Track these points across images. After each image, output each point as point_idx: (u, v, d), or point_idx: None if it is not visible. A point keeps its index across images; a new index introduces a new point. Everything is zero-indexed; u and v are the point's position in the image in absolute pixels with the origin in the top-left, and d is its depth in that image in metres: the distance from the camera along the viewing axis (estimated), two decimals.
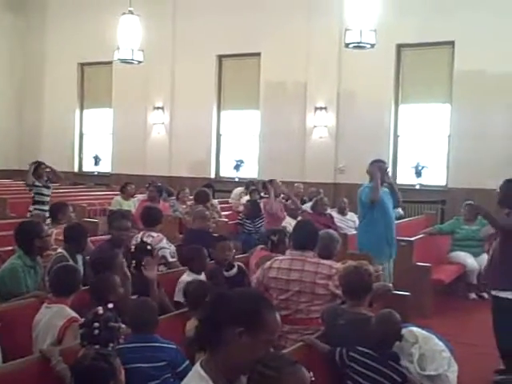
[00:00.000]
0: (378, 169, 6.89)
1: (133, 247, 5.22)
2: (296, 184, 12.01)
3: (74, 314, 3.73)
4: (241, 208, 10.98)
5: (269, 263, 4.76)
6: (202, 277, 5.02)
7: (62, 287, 3.94)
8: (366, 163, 7.16)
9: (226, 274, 4.69)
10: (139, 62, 12.61)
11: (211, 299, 2.50)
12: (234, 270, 4.63)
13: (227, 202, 12.24)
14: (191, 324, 3.94)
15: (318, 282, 4.46)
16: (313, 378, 2.33)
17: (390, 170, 12.54)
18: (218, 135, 15.57)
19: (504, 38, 11.85)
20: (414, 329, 4.19)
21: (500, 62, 11.93)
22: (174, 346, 3.58)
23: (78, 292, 4.08)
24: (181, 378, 3.25)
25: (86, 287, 4.33)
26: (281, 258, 4.84)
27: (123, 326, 3.28)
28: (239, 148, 15.38)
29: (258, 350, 2.27)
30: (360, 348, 3.76)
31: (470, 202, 9.27)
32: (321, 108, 13.70)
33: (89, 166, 17.59)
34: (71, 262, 4.90)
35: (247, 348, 2.24)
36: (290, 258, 4.68)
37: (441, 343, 4.12)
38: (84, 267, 5.20)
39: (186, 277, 5.05)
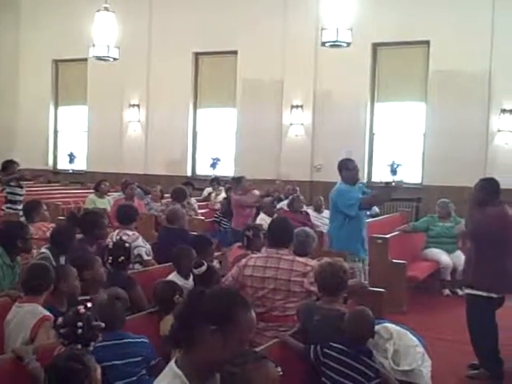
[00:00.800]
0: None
1: (110, 244, 5.18)
2: (277, 181, 12.06)
3: (46, 313, 3.69)
4: (217, 206, 10.99)
5: (244, 261, 4.76)
6: (190, 280, 4.98)
7: (33, 286, 3.90)
8: None
9: (195, 271, 4.66)
10: (115, 59, 12.51)
11: (187, 297, 2.49)
12: (203, 268, 4.61)
13: (203, 201, 12.22)
14: (166, 322, 3.92)
15: (293, 279, 4.47)
16: (280, 373, 2.32)
17: (365, 167, 12.77)
18: (195, 133, 15.53)
19: (478, 38, 11.98)
20: (389, 325, 4.22)
21: (474, 61, 12.07)
22: (146, 340, 3.62)
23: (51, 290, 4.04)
24: (152, 373, 3.29)
25: None
26: (256, 255, 4.85)
27: (102, 324, 3.27)
28: (215, 146, 15.35)
29: (232, 348, 2.26)
30: (334, 344, 3.78)
31: (444, 199, 9.38)
32: (297, 106, 13.73)
33: (63, 164, 17.40)
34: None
35: (220, 346, 2.24)
36: (266, 255, 4.68)
37: (415, 339, 4.16)
38: None
39: (174, 279, 4.99)
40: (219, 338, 2.23)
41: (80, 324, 3.15)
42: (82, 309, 3.24)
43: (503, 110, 11.89)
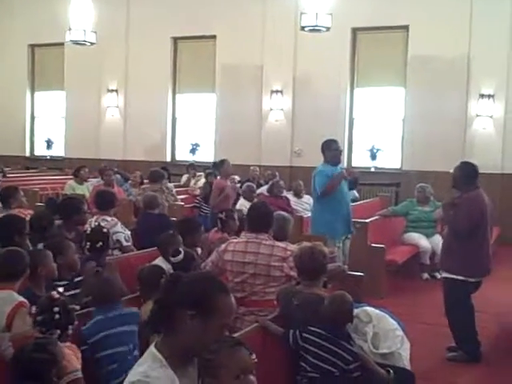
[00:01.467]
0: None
1: (88, 229, 5.13)
2: (252, 167, 12.02)
3: (21, 299, 3.64)
4: (197, 191, 10.96)
5: (224, 246, 4.75)
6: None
7: (7, 272, 3.84)
8: None
9: (172, 259, 4.64)
10: (92, 43, 12.38)
11: (165, 282, 2.49)
12: (180, 256, 4.59)
13: (182, 186, 12.18)
14: (146, 307, 3.90)
15: (273, 264, 4.47)
16: (255, 360, 2.32)
17: (345, 152, 12.78)
18: (174, 118, 15.41)
19: (457, 23, 12.01)
20: (368, 308, 4.24)
21: (453, 46, 12.09)
22: (136, 310, 3.82)
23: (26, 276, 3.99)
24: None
25: None
26: (236, 240, 4.83)
27: (77, 307, 3.28)
28: (195, 131, 15.26)
29: (211, 333, 2.26)
30: (312, 328, 3.79)
31: (423, 184, 9.44)
32: (277, 91, 13.68)
33: (41, 150, 17.19)
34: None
35: (199, 331, 2.24)
36: (245, 240, 4.67)
37: (394, 322, 4.18)
38: None
39: (161, 264, 4.96)
40: (198, 322, 2.23)
41: (56, 309, 3.16)
42: (55, 294, 3.24)
43: (481, 95, 11.94)
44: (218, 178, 9.27)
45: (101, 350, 3.54)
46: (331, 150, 7.04)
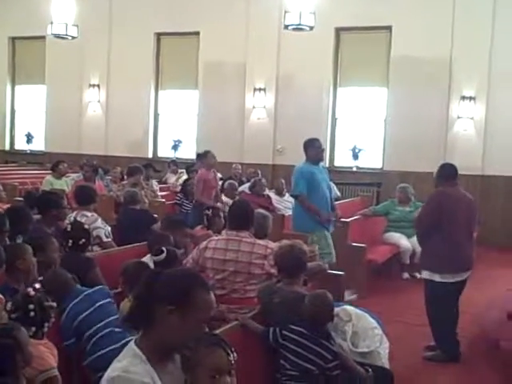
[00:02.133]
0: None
1: (69, 227, 5.06)
2: (234, 165, 12.00)
3: None
4: (178, 188, 10.91)
5: (205, 243, 4.73)
6: None
7: None
8: None
9: (154, 258, 4.60)
10: (73, 37, 12.27)
11: (144, 277, 2.47)
12: (162, 256, 4.55)
13: (164, 183, 12.14)
14: (126, 303, 3.86)
15: (254, 261, 4.46)
16: (234, 360, 2.30)
17: (327, 152, 12.81)
18: (156, 114, 15.34)
19: (439, 25, 12.09)
20: (348, 307, 4.25)
21: (435, 48, 12.17)
22: (101, 285, 4.11)
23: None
24: None
25: None
26: (216, 238, 4.82)
27: (54, 304, 3.23)
28: (177, 128, 15.20)
29: (190, 328, 2.25)
30: (293, 326, 3.78)
31: (404, 184, 9.49)
32: (260, 89, 13.66)
33: (21, 144, 17.00)
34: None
35: (178, 326, 2.24)
36: (226, 238, 4.66)
37: (373, 321, 4.20)
38: None
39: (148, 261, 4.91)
40: (177, 317, 2.23)
41: (31, 306, 3.12)
42: (31, 291, 3.20)
43: (463, 97, 12.03)
44: (201, 170, 9.16)
45: (86, 330, 3.65)
46: (314, 147, 7.08)
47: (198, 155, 9.90)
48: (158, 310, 2.25)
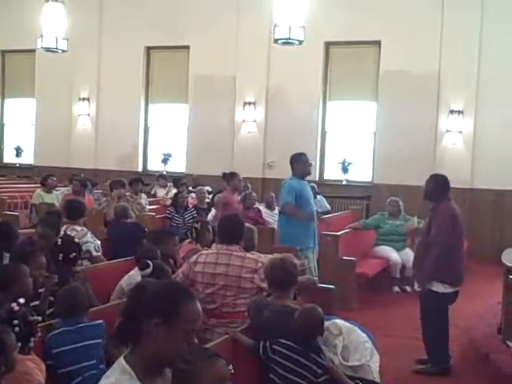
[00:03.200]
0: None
1: (59, 240, 5.02)
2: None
3: None
4: (168, 202, 10.89)
5: (195, 257, 4.71)
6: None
7: None
8: None
9: (141, 272, 4.58)
10: (63, 50, 12.27)
11: (130, 292, 2.46)
12: (149, 270, 4.53)
13: (153, 196, 12.11)
14: None
15: (244, 275, 4.45)
16: (232, 371, 2.29)
17: (317, 165, 12.85)
18: (146, 128, 15.33)
19: (428, 40, 12.20)
20: (338, 321, 4.24)
21: (423, 62, 12.28)
22: (101, 321, 3.70)
23: None
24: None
25: None
26: (206, 252, 4.80)
27: (39, 318, 3.20)
28: (167, 142, 15.20)
29: (178, 341, 2.23)
30: (283, 340, 3.77)
31: (394, 198, 9.51)
32: (250, 103, 13.70)
33: (10, 158, 16.93)
34: None
35: (166, 339, 2.21)
36: (216, 251, 4.64)
37: (364, 334, 4.19)
38: None
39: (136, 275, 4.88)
40: (164, 330, 2.21)
41: (16, 322, 3.07)
42: (15, 306, 3.16)
43: (451, 111, 12.12)
44: (225, 192, 8.85)
45: (67, 365, 3.48)
46: (301, 162, 7.09)
47: (224, 175, 9.64)
48: (145, 324, 2.23)
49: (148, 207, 10.11)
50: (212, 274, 4.51)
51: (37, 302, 4.23)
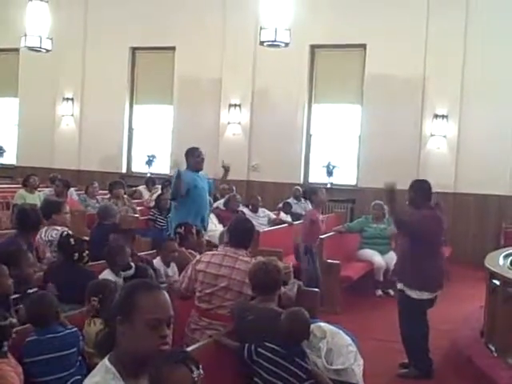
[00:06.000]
0: None
1: (72, 240, 4.93)
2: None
3: None
4: (152, 204, 10.82)
5: (198, 257, 4.70)
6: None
7: None
8: (279, 161, 7.23)
9: (122, 274, 4.52)
10: (47, 50, 12.16)
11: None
12: (131, 271, 4.47)
13: (137, 198, 12.03)
14: (92, 329, 3.74)
15: (248, 281, 4.36)
16: (201, 376, 2.24)
17: (301, 168, 12.85)
18: (131, 129, 15.25)
19: (412, 44, 12.26)
20: (322, 324, 4.22)
21: (408, 66, 12.33)
22: (75, 329, 3.59)
23: None
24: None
25: None
26: (211, 252, 4.74)
27: (14, 320, 3.13)
28: (152, 143, 15.12)
29: (142, 334, 2.20)
30: (267, 344, 3.73)
31: (378, 201, 9.52)
32: (235, 105, 13.67)
33: None
34: None
35: (130, 335, 2.21)
36: (223, 253, 4.57)
37: (347, 338, 4.17)
38: None
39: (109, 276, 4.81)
40: (127, 326, 2.21)
41: None
42: None
43: (436, 115, 12.19)
44: (311, 209, 8.35)
45: (42, 375, 3.35)
46: (194, 156, 7.45)
47: (305, 191, 9.24)
48: (115, 324, 2.25)
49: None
50: (215, 274, 4.43)
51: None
